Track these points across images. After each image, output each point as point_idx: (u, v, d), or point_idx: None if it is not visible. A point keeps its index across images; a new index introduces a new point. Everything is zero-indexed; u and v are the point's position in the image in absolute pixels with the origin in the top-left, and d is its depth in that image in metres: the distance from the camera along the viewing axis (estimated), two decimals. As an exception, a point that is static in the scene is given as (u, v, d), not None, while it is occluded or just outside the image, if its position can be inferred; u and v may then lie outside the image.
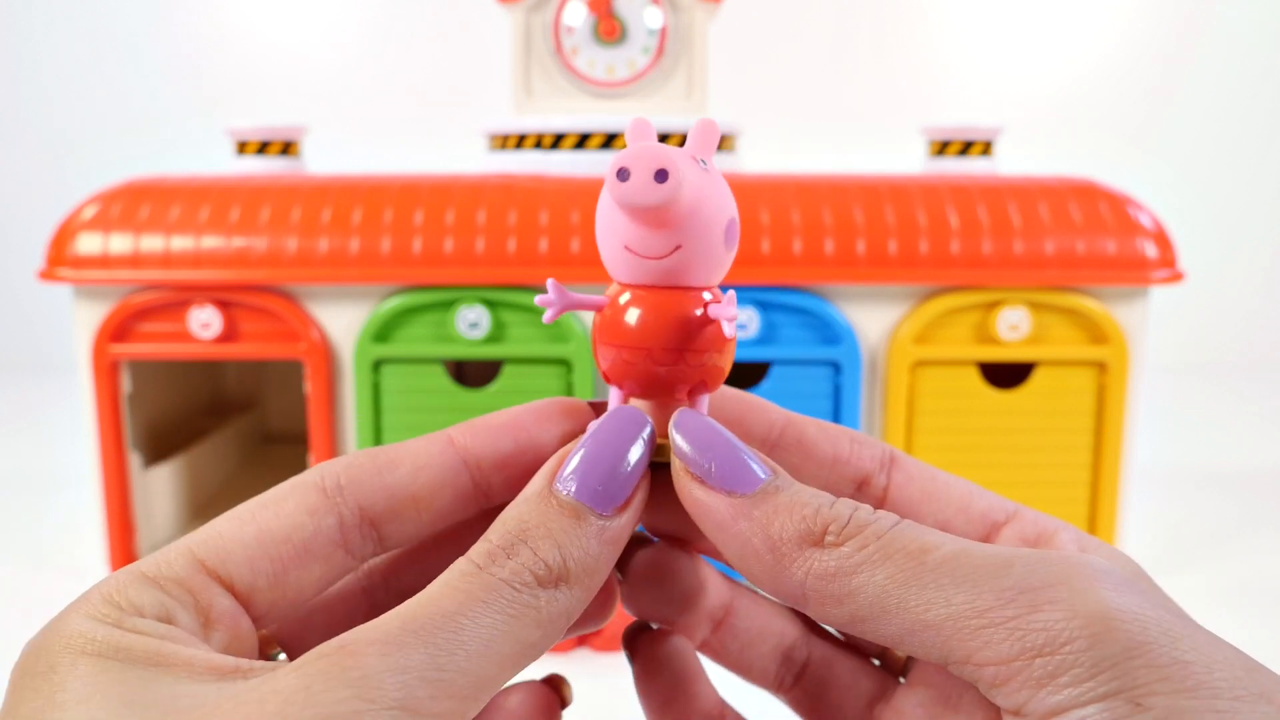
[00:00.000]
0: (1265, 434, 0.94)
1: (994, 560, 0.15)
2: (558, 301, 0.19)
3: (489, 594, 0.15)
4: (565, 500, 0.17)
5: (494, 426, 0.19)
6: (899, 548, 0.16)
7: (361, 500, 0.18)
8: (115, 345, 0.53)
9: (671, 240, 0.18)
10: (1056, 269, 0.52)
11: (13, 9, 1.20)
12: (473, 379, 0.58)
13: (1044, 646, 0.14)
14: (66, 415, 0.78)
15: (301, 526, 0.18)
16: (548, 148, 0.58)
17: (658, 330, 0.18)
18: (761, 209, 0.52)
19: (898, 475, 0.20)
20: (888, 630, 0.15)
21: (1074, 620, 0.14)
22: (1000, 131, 0.60)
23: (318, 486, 0.18)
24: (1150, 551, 0.62)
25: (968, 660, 0.14)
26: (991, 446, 0.54)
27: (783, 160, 0.71)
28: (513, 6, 0.59)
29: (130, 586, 0.16)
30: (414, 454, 0.19)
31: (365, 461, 0.19)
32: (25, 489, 0.75)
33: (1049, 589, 0.14)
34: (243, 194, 0.54)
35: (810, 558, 0.16)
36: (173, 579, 0.17)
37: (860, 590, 0.15)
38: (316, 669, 0.14)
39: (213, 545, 0.17)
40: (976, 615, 0.14)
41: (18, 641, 0.16)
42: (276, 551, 0.17)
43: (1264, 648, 0.51)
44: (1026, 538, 0.19)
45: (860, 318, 0.53)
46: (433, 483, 0.19)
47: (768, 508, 0.17)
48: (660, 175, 0.16)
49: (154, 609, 0.16)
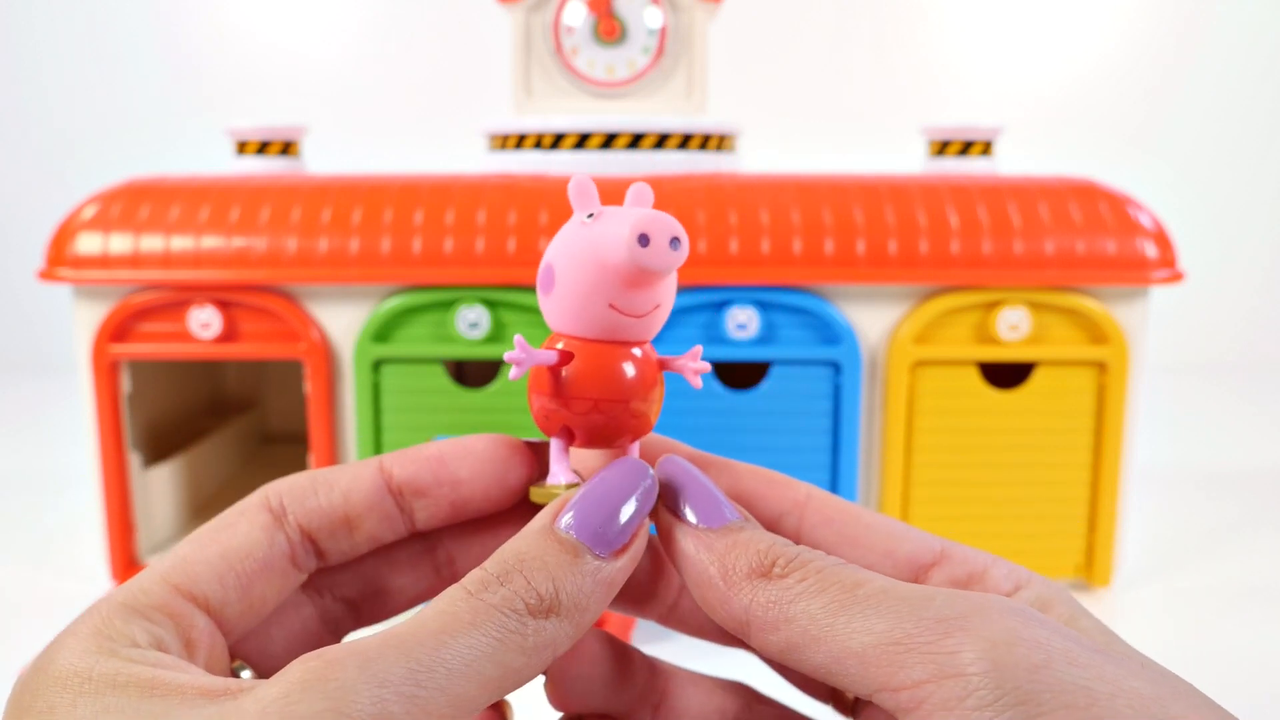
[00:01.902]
0: (1265, 434, 0.94)
1: (917, 594, 0.16)
2: (526, 359, 0.19)
3: (476, 617, 0.16)
4: (565, 538, 0.17)
5: (419, 458, 0.21)
6: (834, 580, 0.17)
7: (301, 519, 0.20)
8: (115, 345, 0.53)
9: (654, 300, 0.19)
10: (1056, 269, 0.51)
11: (13, 9, 1.20)
12: (473, 379, 0.58)
13: (951, 670, 0.14)
14: (66, 415, 0.78)
15: (259, 543, 0.19)
16: (548, 148, 0.58)
17: (638, 381, 0.20)
18: (761, 209, 0.52)
19: (812, 517, 0.21)
20: (817, 659, 0.16)
21: (980, 644, 0.14)
22: (1000, 131, 0.60)
23: (265, 506, 0.20)
24: (1150, 551, 0.62)
25: (885, 686, 0.15)
26: (991, 446, 0.54)
27: (783, 160, 0.71)
28: (513, 6, 0.59)
29: (116, 618, 0.17)
30: (348, 477, 0.21)
31: (304, 483, 0.20)
32: (25, 489, 0.75)
33: (962, 618, 0.15)
34: (243, 194, 0.54)
35: (756, 587, 0.17)
36: (154, 606, 0.17)
37: (796, 618, 0.16)
38: (295, 678, 0.14)
39: (182, 569, 0.18)
40: (895, 643, 0.15)
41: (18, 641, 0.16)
42: (241, 567, 0.19)
43: (1264, 648, 0.51)
44: (956, 578, 0.20)
45: (860, 318, 0.53)
46: (361, 505, 0.20)
47: (728, 541, 0.18)
48: (674, 243, 0.18)
49: (145, 637, 0.17)
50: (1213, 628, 0.52)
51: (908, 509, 0.54)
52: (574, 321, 0.19)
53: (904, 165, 0.64)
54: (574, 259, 0.19)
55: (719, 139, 0.59)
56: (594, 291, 0.19)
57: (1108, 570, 0.54)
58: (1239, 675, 0.47)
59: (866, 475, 0.54)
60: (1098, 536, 0.54)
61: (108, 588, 0.55)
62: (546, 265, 0.20)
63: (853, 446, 0.53)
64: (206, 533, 0.19)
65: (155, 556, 0.58)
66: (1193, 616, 0.53)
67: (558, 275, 0.19)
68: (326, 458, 0.54)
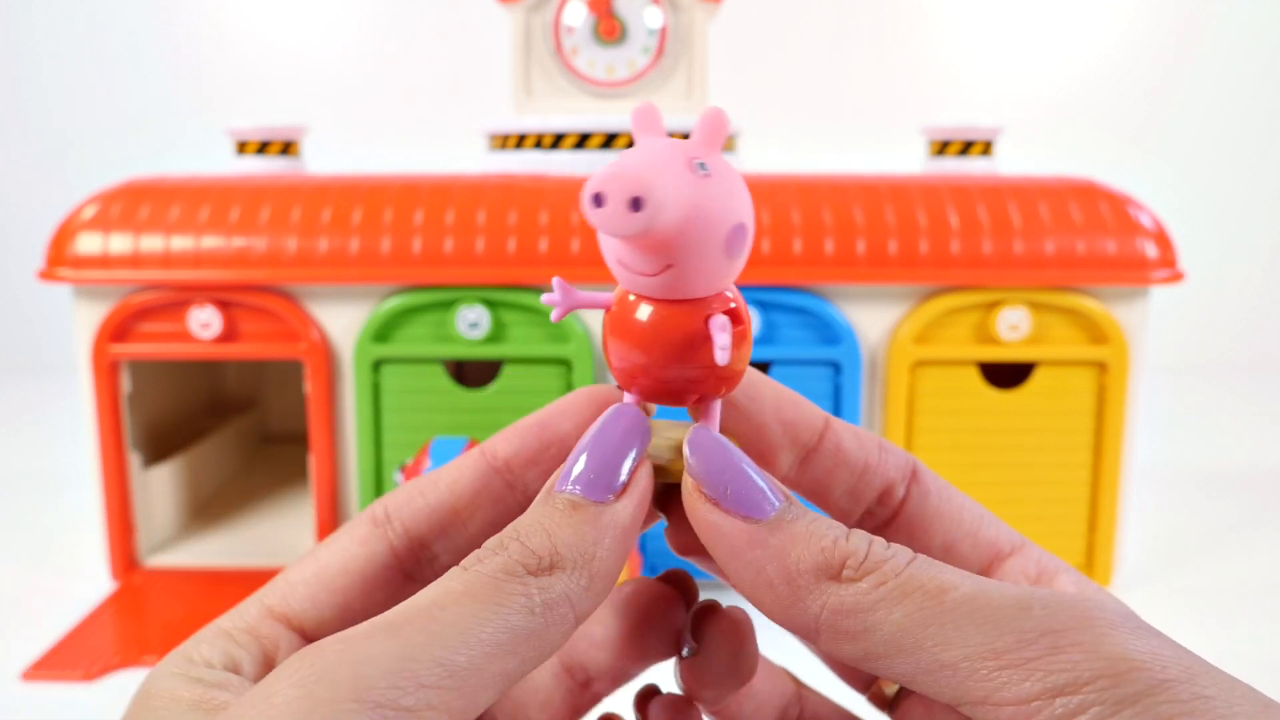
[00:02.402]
0: (1265, 434, 0.94)
1: (1013, 602, 0.15)
2: (563, 300, 0.18)
3: (469, 586, 0.15)
4: (560, 497, 0.17)
5: (520, 428, 0.20)
6: (917, 585, 0.15)
7: (407, 523, 0.19)
8: (115, 345, 0.53)
9: (661, 260, 0.16)
10: (1056, 269, 0.51)
11: (13, 9, 1.20)
12: (473, 379, 0.58)
13: (1066, 686, 0.14)
14: (66, 415, 0.78)
15: (354, 556, 0.19)
16: (548, 148, 0.58)
17: (656, 341, 0.17)
18: (761, 209, 0.52)
19: (916, 489, 0.20)
20: (901, 669, 0.15)
21: (1097, 661, 0.14)
22: (1000, 131, 0.60)
23: (368, 518, 0.19)
24: (1150, 551, 0.62)
25: (984, 700, 0.14)
26: (991, 446, 0.54)
27: (783, 160, 0.71)
28: (513, 6, 0.59)
29: (205, 642, 0.17)
30: (450, 472, 0.20)
31: (410, 488, 0.20)
32: (25, 489, 0.75)
33: (1070, 632, 0.14)
34: (243, 194, 0.54)
35: (827, 591, 0.16)
36: (243, 629, 0.18)
37: (877, 628, 0.15)
38: (278, 670, 0.14)
39: (278, 590, 0.18)
40: (995, 656, 0.14)
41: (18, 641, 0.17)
42: (335, 583, 0.18)
43: (1264, 648, 0.51)
44: (1029, 574, 0.19)
45: (860, 318, 0.53)
46: (468, 492, 0.19)
47: (784, 536, 0.16)
48: (635, 203, 0.15)
49: (221, 659, 0.17)
50: (1213, 628, 0.52)
51: (908, 509, 0.54)
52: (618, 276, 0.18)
53: (904, 165, 0.64)
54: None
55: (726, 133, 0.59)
56: (603, 247, 0.17)
57: (1108, 570, 0.54)
58: (1239, 675, 0.47)
59: (866, 475, 0.54)
60: (1098, 536, 0.54)
61: (108, 588, 0.55)
62: None
63: (853, 446, 0.53)
64: (310, 552, 0.19)
65: (156, 556, 0.58)
66: (1193, 616, 0.53)
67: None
68: (326, 458, 0.54)
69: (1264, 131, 1.23)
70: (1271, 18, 1.21)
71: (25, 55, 1.22)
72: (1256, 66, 1.22)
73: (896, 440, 0.53)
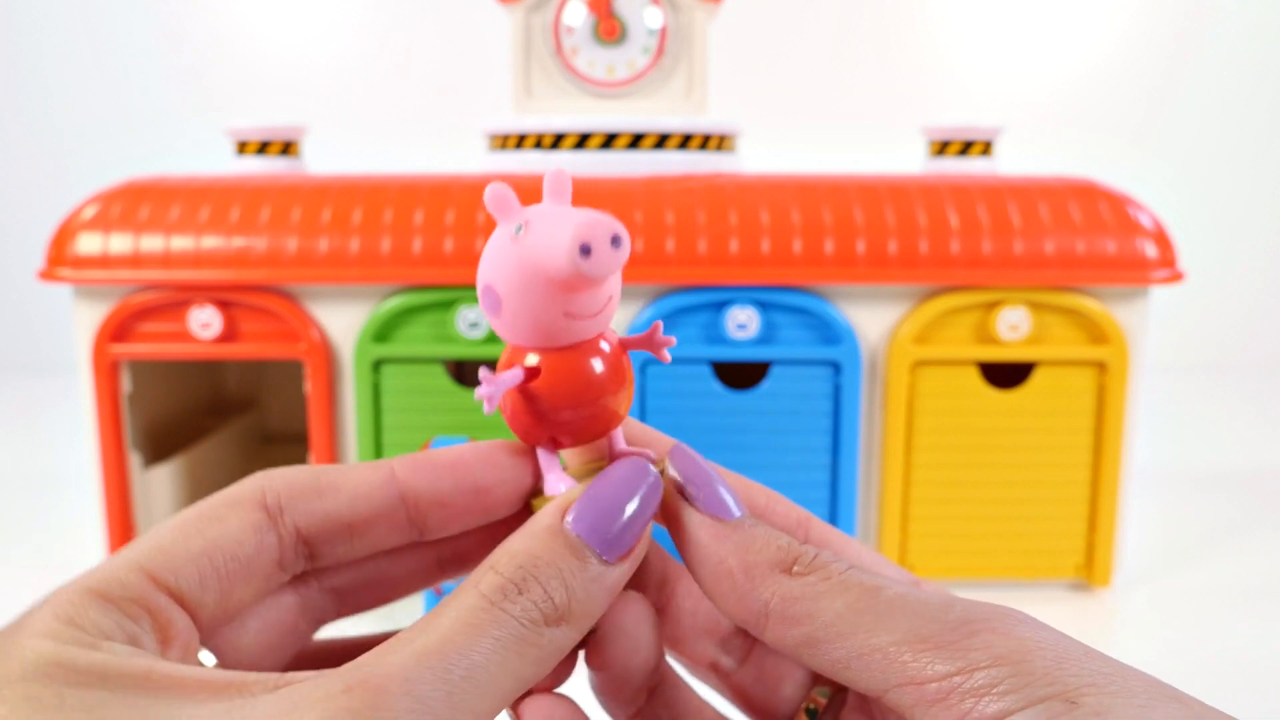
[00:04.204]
0: (1265, 434, 0.94)
1: (937, 600, 0.17)
2: (496, 389, 0.18)
3: (501, 629, 0.16)
4: (574, 540, 0.17)
5: (436, 466, 0.20)
6: (855, 582, 0.17)
7: (299, 521, 0.19)
8: (115, 345, 0.53)
9: (606, 293, 0.19)
10: (1056, 269, 0.51)
11: (13, 9, 1.20)
12: (472, 379, 0.58)
13: (982, 662, 0.15)
14: (66, 415, 0.78)
15: (245, 543, 0.18)
16: (548, 148, 0.58)
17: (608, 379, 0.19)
18: (761, 209, 0.52)
19: (813, 536, 0.22)
20: (836, 654, 0.17)
21: (1010, 641, 0.16)
22: (1000, 131, 0.60)
23: (260, 503, 0.18)
24: (1150, 551, 0.62)
25: (910, 680, 0.16)
26: (991, 446, 0.54)
27: (783, 160, 0.71)
28: (513, 6, 0.59)
29: (90, 607, 0.15)
30: (355, 482, 0.19)
31: (307, 481, 0.19)
32: (25, 489, 0.75)
33: (985, 621, 0.16)
34: (243, 194, 0.54)
35: (779, 582, 0.18)
36: (130, 598, 0.16)
37: (819, 614, 0.17)
38: (341, 706, 0.14)
39: (162, 559, 0.17)
40: (920, 641, 0.16)
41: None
42: (225, 568, 0.18)
43: (1264, 648, 0.51)
44: None
45: (860, 318, 0.53)
46: (369, 513, 0.19)
47: (746, 535, 0.19)
48: (616, 242, 0.17)
49: (120, 633, 0.15)
50: (1212, 628, 0.52)
51: (908, 509, 0.54)
52: (531, 336, 0.19)
53: (904, 165, 0.64)
54: (515, 278, 0.18)
55: (719, 139, 0.59)
56: (544, 306, 0.18)
57: (1108, 570, 0.54)
58: (1239, 675, 0.47)
59: (866, 475, 0.54)
60: (1098, 536, 0.54)
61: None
62: (486, 286, 0.19)
63: (853, 446, 0.53)
64: (191, 522, 0.18)
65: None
66: (1192, 616, 0.53)
67: (502, 296, 0.18)
68: (327, 458, 0.54)
69: (1264, 131, 1.23)
70: (1271, 18, 1.21)
71: (25, 55, 1.22)
72: (1256, 66, 1.22)
73: (896, 440, 0.53)
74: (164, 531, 0.18)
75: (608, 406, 0.19)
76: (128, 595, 0.16)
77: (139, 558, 0.17)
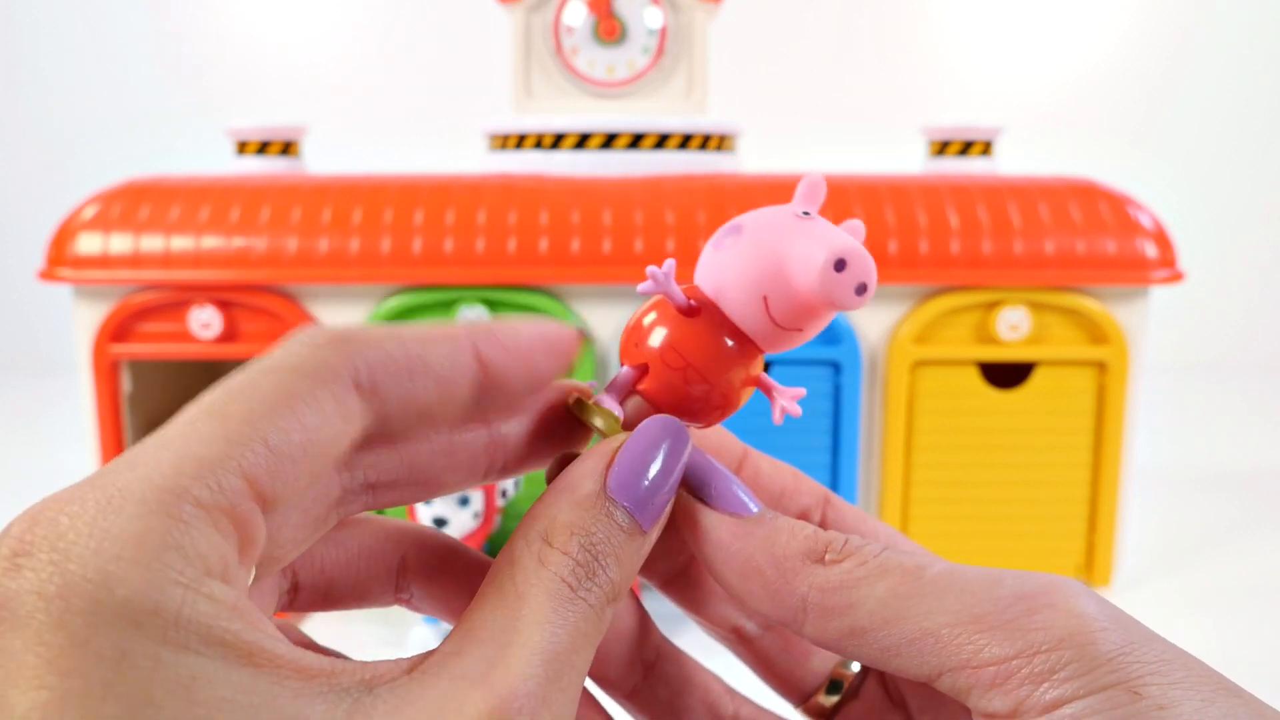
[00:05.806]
0: (1265, 434, 0.94)
1: (985, 576, 0.16)
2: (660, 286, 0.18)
3: (589, 625, 0.16)
4: (622, 518, 0.17)
5: (514, 348, 0.17)
6: (895, 564, 0.17)
7: (390, 408, 0.15)
8: (115, 345, 0.53)
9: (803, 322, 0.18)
10: (1056, 269, 0.51)
11: (13, 9, 1.20)
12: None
13: (1044, 644, 0.15)
14: (66, 415, 0.78)
15: (340, 437, 0.15)
16: (548, 148, 0.58)
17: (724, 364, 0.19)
18: (761, 209, 0.52)
19: (831, 513, 0.21)
20: (885, 642, 0.16)
21: (1070, 619, 0.15)
22: (1000, 131, 0.60)
23: (355, 383, 0.15)
24: (1150, 551, 0.62)
25: (965, 664, 0.15)
26: (991, 446, 0.54)
27: (783, 160, 0.71)
28: (513, 6, 0.59)
29: (193, 523, 0.12)
30: (440, 363, 0.16)
31: (398, 357, 0.15)
32: (25, 489, 0.75)
33: (1041, 596, 0.15)
34: (243, 194, 0.54)
35: (814, 572, 0.17)
36: (224, 510, 0.13)
37: (862, 602, 0.16)
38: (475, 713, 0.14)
39: (264, 462, 0.13)
40: (974, 621, 0.15)
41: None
42: (316, 466, 0.14)
43: (1264, 647, 0.51)
44: None
45: (860, 318, 0.53)
46: (449, 398, 0.16)
47: (768, 529, 0.18)
48: (861, 289, 0.17)
49: (216, 560, 0.13)
50: (1212, 627, 0.52)
51: (908, 508, 0.54)
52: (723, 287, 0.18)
53: (904, 165, 0.64)
54: (767, 239, 0.18)
55: (719, 139, 0.59)
56: (762, 278, 0.18)
57: (1108, 570, 0.54)
58: (1238, 675, 0.47)
59: (866, 475, 0.54)
60: (1098, 536, 0.54)
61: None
62: (737, 224, 0.19)
63: (853, 446, 0.53)
64: (283, 403, 0.14)
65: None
66: (1192, 616, 0.53)
67: (743, 239, 0.18)
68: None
69: (1264, 131, 1.23)
70: (1271, 18, 1.21)
71: (25, 55, 1.22)
72: (1256, 66, 1.22)
73: (896, 440, 0.53)
74: (258, 413, 0.14)
75: (708, 396, 0.19)
76: (224, 505, 0.13)
77: (240, 456, 0.13)
